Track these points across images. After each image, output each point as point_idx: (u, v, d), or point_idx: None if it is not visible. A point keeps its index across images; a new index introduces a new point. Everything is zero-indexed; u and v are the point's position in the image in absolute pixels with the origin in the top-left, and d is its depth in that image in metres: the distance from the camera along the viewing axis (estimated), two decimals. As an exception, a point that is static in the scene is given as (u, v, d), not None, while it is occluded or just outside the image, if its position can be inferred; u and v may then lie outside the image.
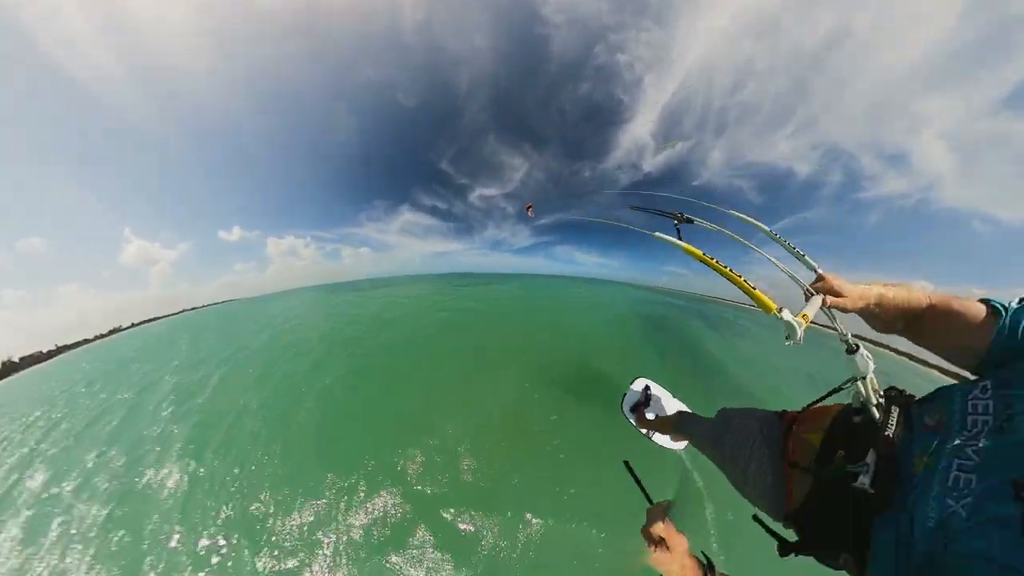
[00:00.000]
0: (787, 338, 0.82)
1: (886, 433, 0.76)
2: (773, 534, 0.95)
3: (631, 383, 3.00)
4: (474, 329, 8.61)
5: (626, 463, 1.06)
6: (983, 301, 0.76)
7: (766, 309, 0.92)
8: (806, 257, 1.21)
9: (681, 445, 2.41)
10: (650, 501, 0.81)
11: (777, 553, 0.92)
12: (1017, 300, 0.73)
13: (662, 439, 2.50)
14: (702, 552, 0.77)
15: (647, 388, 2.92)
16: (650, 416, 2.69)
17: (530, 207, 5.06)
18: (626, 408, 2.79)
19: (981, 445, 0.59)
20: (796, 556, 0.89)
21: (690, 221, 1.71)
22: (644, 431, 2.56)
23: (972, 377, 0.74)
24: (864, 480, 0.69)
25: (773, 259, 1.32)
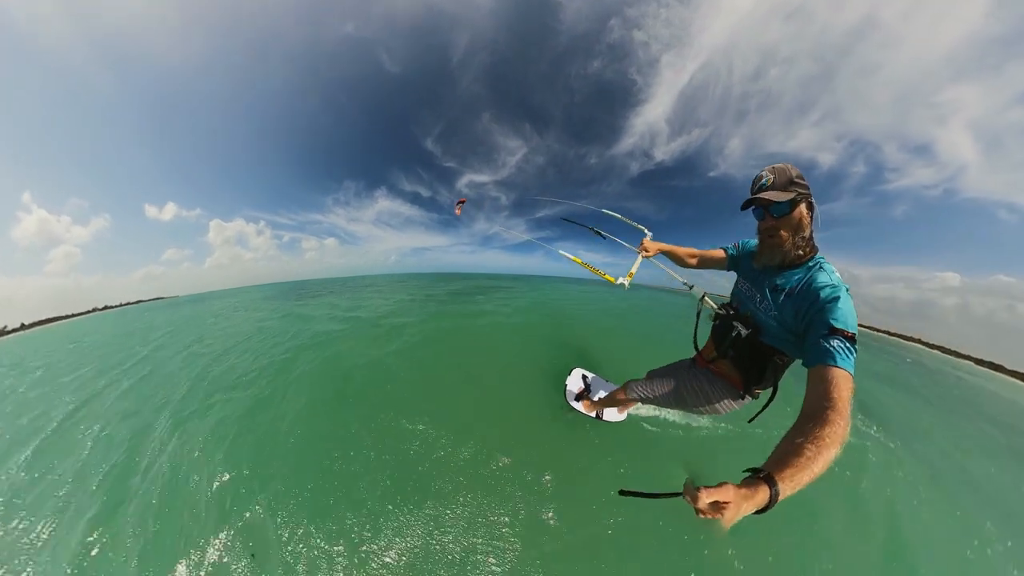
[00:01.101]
0: (623, 287, 1.86)
1: (739, 311, 1.51)
2: (757, 415, 1.58)
3: (567, 376, 3.09)
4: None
5: (621, 492, 0.97)
6: (723, 248, 1.71)
7: (610, 280, 1.90)
8: (643, 228, 2.28)
9: (623, 416, 2.68)
10: (666, 496, 0.79)
11: (752, 398, 1.57)
12: (732, 244, 1.68)
13: (610, 415, 2.67)
14: (744, 470, 0.78)
15: (584, 377, 3.05)
16: (595, 399, 2.81)
17: (461, 203, 4.63)
18: (571, 400, 2.90)
19: (766, 301, 1.31)
20: (761, 391, 1.52)
21: (600, 233, 2.59)
22: (593, 414, 2.71)
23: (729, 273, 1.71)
24: (742, 331, 1.40)
25: (620, 240, 2.40)
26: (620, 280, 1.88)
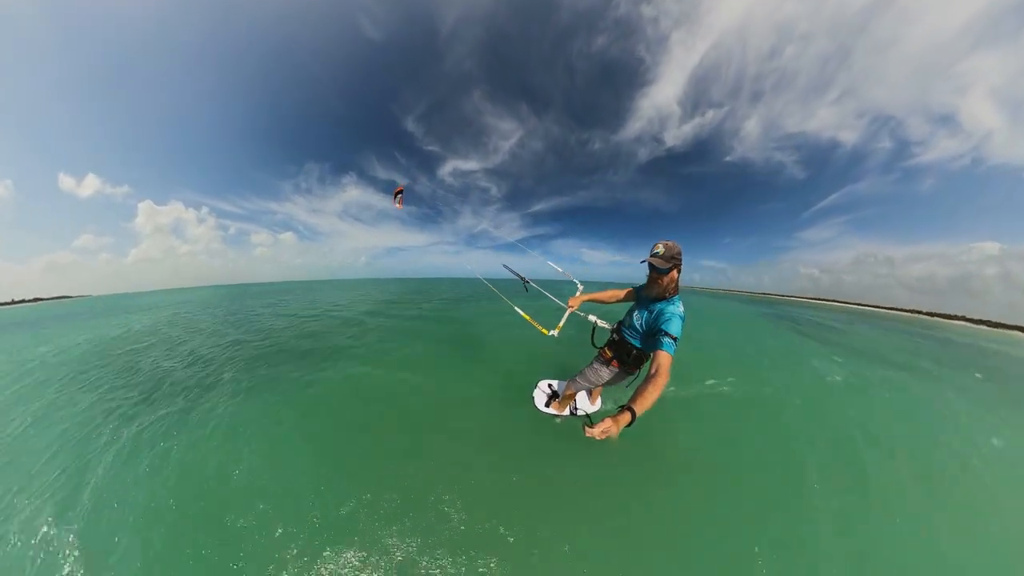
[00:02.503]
0: (553, 337, 2.57)
1: (615, 326, 2.42)
2: (632, 382, 2.38)
3: (534, 388, 3.70)
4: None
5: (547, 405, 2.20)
6: (631, 287, 2.48)
7: (543, 332, 2.63)
8: (576, 281, 3.03)
9: (597, 405, 3.43)
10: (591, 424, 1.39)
11: (628, 376, 2.43)
12: (640, 285, 2.28)
13: (583, 406, 3.39)
14: (618, 406, 1.45)
15: (550, 384, 3.70)
16: (561, 398, 3.39)
17: (400, 192, 3.91)
18: (541, 406, 3.45)
19: (641, 317, 2.16)
20: (628, 371, 2.38)
21: (528, 284, 3.43)
22: (566, 412, 3.31)
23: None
24: (615, 336, 2.38)
25: (549, 294, 3.13)
26: (551, 332, 2.57)
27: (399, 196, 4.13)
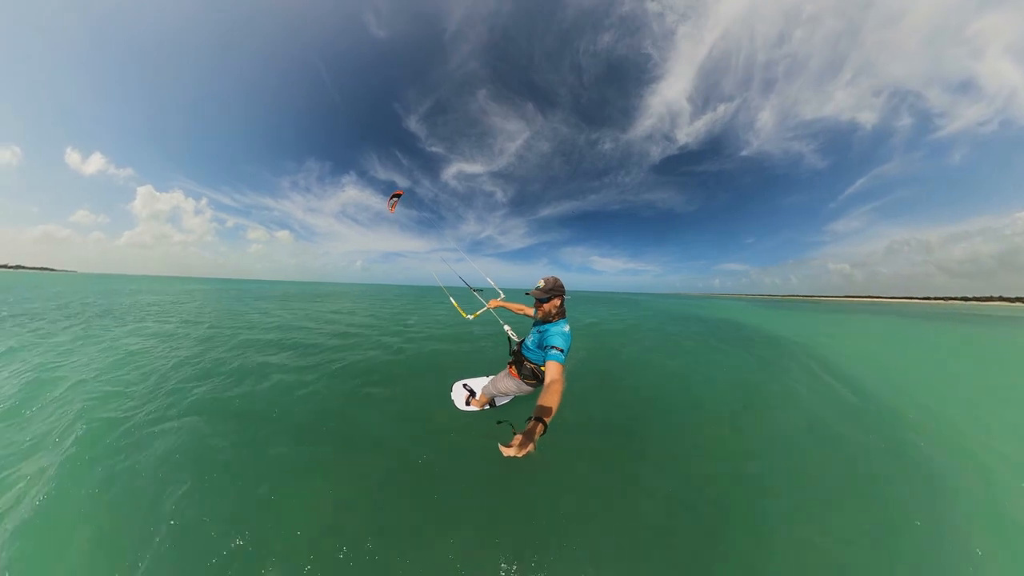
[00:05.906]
0: (472, 319, 3.32)
1: (517, 339, 2.91)
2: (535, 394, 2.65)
3: (451, 390, 3.80)
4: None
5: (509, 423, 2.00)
6: (532, 307, 2.67)
7: (463, 315, 3.38)
8: (499, 291, 3.66)
9: (509, 397, 3.51)
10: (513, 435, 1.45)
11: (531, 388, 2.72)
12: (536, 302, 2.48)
13: (500, 400, 3.56)
14: (527, 418, 1.54)
15: (465, 384, 3.82)
16: (478, 397, 3.52)
17: (398, 196, 3.97)
18: (461, 405, 3.54)
19: (534, 337, 2.54)
20: (528, 382, 2.67)
21: (472, 289, 3.55)
22: (487, 407, 3.48)
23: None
24: (516, 347, 2.81)
25: (480, 297, 3.58)
26: (468, 316, 3.21)
27: (394, 200, 4.09)
